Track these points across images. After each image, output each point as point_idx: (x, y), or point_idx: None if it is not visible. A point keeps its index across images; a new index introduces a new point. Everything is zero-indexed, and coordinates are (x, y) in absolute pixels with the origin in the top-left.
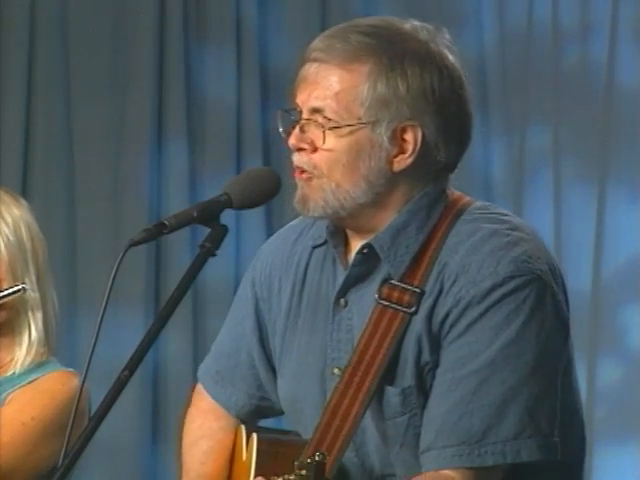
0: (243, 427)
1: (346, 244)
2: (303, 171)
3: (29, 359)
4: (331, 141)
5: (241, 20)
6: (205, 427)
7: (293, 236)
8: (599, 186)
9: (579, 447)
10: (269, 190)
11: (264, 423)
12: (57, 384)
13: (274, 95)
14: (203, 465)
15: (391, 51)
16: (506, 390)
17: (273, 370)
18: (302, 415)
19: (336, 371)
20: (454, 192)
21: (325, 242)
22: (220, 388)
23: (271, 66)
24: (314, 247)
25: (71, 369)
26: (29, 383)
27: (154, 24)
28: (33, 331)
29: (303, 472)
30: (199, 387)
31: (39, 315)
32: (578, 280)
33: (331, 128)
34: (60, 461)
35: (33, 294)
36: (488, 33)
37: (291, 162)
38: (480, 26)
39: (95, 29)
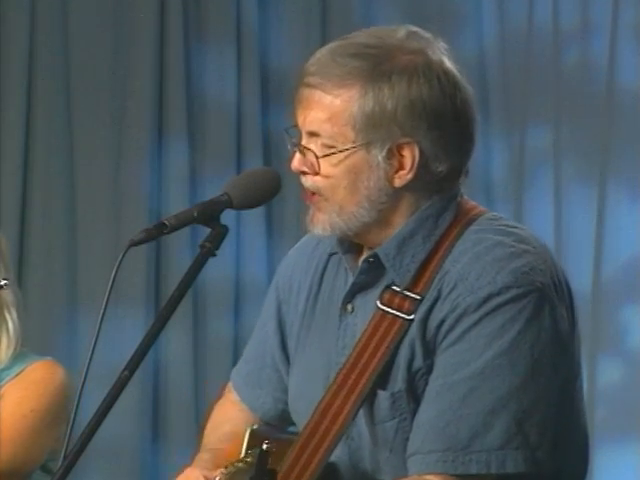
0: (251, 428)
1: (357, 250)
2: (312, 193)
3: (10, 352)
4: (326, 168)
5: (241, 20)
6: (230, 414)
7: (314, 241)
8: (599, 186)
9: (579, 464)
10: (269, 190)
11: None
12: (46, 374)
13: (274, 95)
14: (221, 442)
15: (378, 71)
16: (495, 399)
17: None
18: (304, 418)
19: None
20: (468, 201)
21: None
22: (250, 390)
23: (271, 66)
24: (330, 254)
25: (49, 357)
26: (16, 376)
27: (154, 24)
28: (10, 325)
29: (249, 459)
30: (229, 385)
31: (13, 309)
32: (578, 280)
33: (324, 156)
34: (60, 461)
35: (5, 288)
36: (488, 33)
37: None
38: (480, 26)
39: (95, 29)
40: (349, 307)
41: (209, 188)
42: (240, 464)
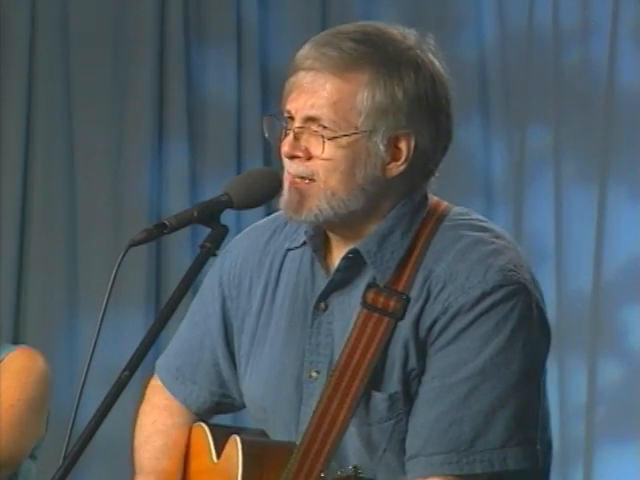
0: (205, 426)
1: (325, 248)
2: (300, 178)
3: None
4: (330, 150)
5: (241, 20)
6: (159, 423)
7: (265, 236)
8: (599, 186)
9: (547, 452)
10: (269, 190)
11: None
12: (27, 362)
13: (274, 95)
14: (158, 461)
15: (387, 59)
16: (494, 398)
17: (236, 368)
18: (274, 416)
19: (314, 374)
20: (432, 197)
21: (301, 245)
22: (180, 384)
23: (271, 66)
24: (288, 249)
25: (24, 345)
26: None
27: (154, 24)
28: None
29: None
30: (154, 382)
31: None
32: (578, 280)
33: (330, 138)
34: (60, 461)
35: None
36: (488, 33)
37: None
38: (480, 26)
39: (96, 29)
40: (322, 305)
41: (209, 188)
42: None
